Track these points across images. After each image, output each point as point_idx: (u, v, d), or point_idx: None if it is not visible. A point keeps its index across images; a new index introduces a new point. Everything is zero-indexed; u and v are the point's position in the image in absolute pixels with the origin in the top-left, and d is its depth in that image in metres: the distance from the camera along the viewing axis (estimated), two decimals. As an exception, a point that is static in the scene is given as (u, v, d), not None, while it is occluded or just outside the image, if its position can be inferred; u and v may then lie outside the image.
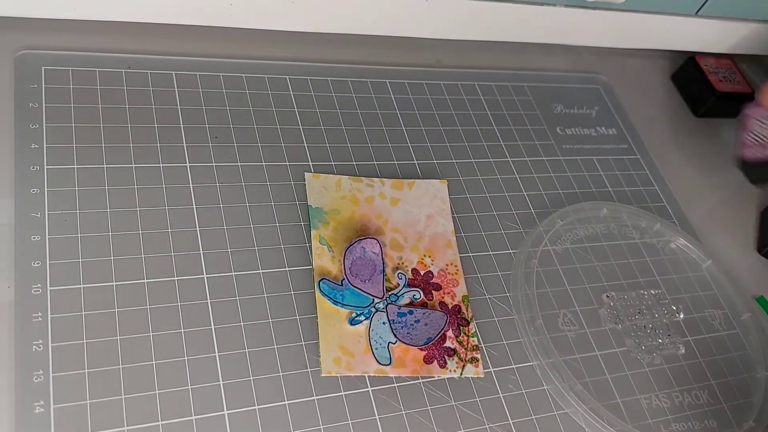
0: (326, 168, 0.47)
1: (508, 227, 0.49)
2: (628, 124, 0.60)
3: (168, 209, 0.42)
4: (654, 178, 0.57)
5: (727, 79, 0.64)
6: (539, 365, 0.43)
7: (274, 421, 0.37)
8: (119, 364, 0.36)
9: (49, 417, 0.34)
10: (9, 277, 0.37)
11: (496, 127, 0.54)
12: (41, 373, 0.35)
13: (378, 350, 0.41)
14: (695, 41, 0.64)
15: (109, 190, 0.41)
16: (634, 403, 0.44)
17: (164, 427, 0.35)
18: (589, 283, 0.48)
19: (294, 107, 0.49)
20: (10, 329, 0.36)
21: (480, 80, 0.57)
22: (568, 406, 0.42)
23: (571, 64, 0.62)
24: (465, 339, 0.43)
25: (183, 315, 0.38)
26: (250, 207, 0.43)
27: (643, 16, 0.59)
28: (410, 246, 0.45)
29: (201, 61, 0.49)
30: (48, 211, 0.39)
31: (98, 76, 0.45)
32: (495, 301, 0.45)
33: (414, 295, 0.43)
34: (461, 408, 0.40)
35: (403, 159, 0.49)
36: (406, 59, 0.56)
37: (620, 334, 0.47)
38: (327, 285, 0.42)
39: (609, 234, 0.51)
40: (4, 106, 0.42)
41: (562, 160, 0.55)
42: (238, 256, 0.41)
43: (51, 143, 0.42)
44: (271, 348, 0.39)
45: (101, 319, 0.37)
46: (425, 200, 0.48)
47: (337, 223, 0.45)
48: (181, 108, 0.46)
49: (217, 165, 0.44)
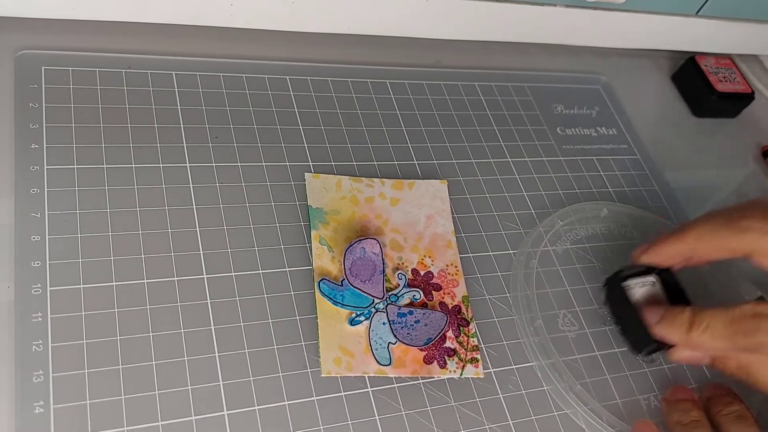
0: (326, 168, 0.47)
1: (508, 227, 0.49)
2: (628, 124, 0.60)
3: (168, 209, 0.42)
4: (654, 178, 0.57)
5: (727, 79, 0.64)
6: (539, 366, 0.43)
7: (274, 421, 0.37)
8: (119, 364, 0.36)
9: (49, 417, 0.34)
10: (9, 277, 0.37)
11: (497, 128, 0.54)
12: (41, 373, 0.35)
13: (378, 350, 0.41)
14: (695, 41, 0.64)
15: (109, 190, 0.41)
16: (634, 404, 0.44)
17: (164, 427, 0.35)
18: (589, 283, 0.48)
19: (294, 107, 0.49)
20: (10, 329, 0.36)
21: (480, 80, 0.57)
22: (568, 406, 0.42)
23: (571, 64, 0.62)
24: (465, 339, 0.43)
25: (183, 315, 0.38)
26: (250, 207, 0.43)
27: (643, 16, 0.59)
28: (410, 246, 0.45)
29: (201, 61, 0.49)
30: (48, 211, 0.39)
31: (98, 76, 0.45)
32: (495, 302, 0.45)
33: (414, 296, 0.43)
34: (461, 408, 0.40)
35: (403, 159, 0.49)
36: (406, 59, 0.56)
37: (620, 334, 0.46)
38: (327, 285, 0.42)
39: (609, 234, 0.51)
40: (4, 106, 0.42)
41: (563, 160, 0.55)
42: (238, 256, 0.41)
43: (51, 143, 0.42)
44: (271, 348, 0.39)
45: (101, 319, 0.37)
46: (425, 200, 0.48)
47: (337, 223, 0.45)
48: (181, 108, 0.46)
49: (217, 165, 0.44)
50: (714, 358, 0.43)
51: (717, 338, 0.40)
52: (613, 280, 0.46)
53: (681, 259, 0.45)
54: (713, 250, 0.43)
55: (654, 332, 0.43)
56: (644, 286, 0.46)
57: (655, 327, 0.43)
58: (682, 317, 0.41)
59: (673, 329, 0.42)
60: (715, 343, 0.40)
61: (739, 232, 0.41)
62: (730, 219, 0.42)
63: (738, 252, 0.42)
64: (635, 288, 0.46)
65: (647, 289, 0.46)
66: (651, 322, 0.43)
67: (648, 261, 0.45)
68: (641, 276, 0.46)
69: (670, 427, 0.42)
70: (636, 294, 0.46)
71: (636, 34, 0.62)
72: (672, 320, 0.42)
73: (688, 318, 0.41)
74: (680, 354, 0.43)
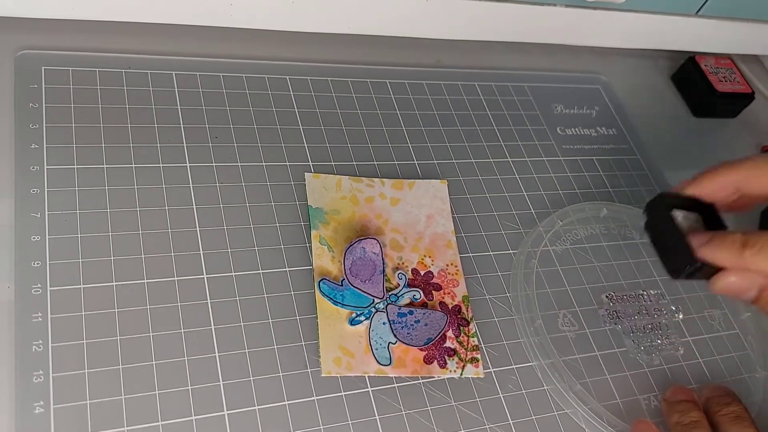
0: (326, 168, 0.47)
1: (508, 227, 0.49)
2: (628, 124, 0.60)
3: (168, 209, 0.42)
4: (654, 179, 0.57)
5: (726, 79, 0.64)
6: (539, 365, 0.43)
7: (274, 421, 0.37)
8: (119, 364, 0.36)
9: (49, 417, 0.34)
10: (9, 277, 0.37)
11: (496, 127, 0.54)
12: (41, 373, 0.35)
13: (378, 350, 0.41)
14: (695, 41, 0.64)
15: (109, 190, 0.41)
16: (634, 404, 0.44)
17: (164, 427, 0.35)
18: (588, 283, 0.48)
19: (294, 107, 0.49)
20: (10, 329, 0.36)
21: (480, 80, 0.57)
22: (568, 406, 0.42)
23: (570, 64, 0.62)
24: (465, 339, 0.43)
25: (183, 315, 0.38)
26: (250, 207, 0.43)
27: (643, 16, 0.59)
28: (410, 246, 0.45)
29: (201, 61, 0.49)
30: (48, 211, 0.39)
31: (98, 76, 0.45)
32: (495, 302, 0.45)
33: (414, 296, 0.43)
34: (461, 408, 0.40)
35: (403, 159, 0.49)
36: (406, 59, 0.56)
37: (620, 334, 0.47)
38: (327, 285, 0.42)
39: (609, 234, 0.51)
40: (4, 106, 0.42)
41: (562, 160, 0.55)
42: (238, 256, 0.41)
43: (51, 143, 0.42)
44: (271, 348, 0.39)
45: (101, 319, 0.37)
46: (425, 200, 0.48)
47: (337, 223, 0.45)
48: (181, 108, 0.46)
49: (217, 165, 0.44)
50: (763, 289, 0.38)
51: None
52: (658, 203, 0.42)
53: (731, 191, 0.41)
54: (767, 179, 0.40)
55: (701, 254, 0.39)
56: (687, 220, 0.42)
57: (702, 248, 0.39)
58: (733, 238, 0.38)
59: (723, 250, 0.38)
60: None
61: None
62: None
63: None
64: (679, 217, 0.42)
65: (690, 223, 0.42)
66: (697, 245, 0.39)
67: (696, 191, 0.42)
68: (687, 209, 0.42)
69: (670, 427, 0.42)
70: (680, 222, 0.41)
71: (636, 34, 0.62)
72: (722, 240, 0.38)
73: (740, 239, 0.38)
74: (726, 279, 0.38)
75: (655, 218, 0.42)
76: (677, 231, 0.40)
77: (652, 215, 0.42)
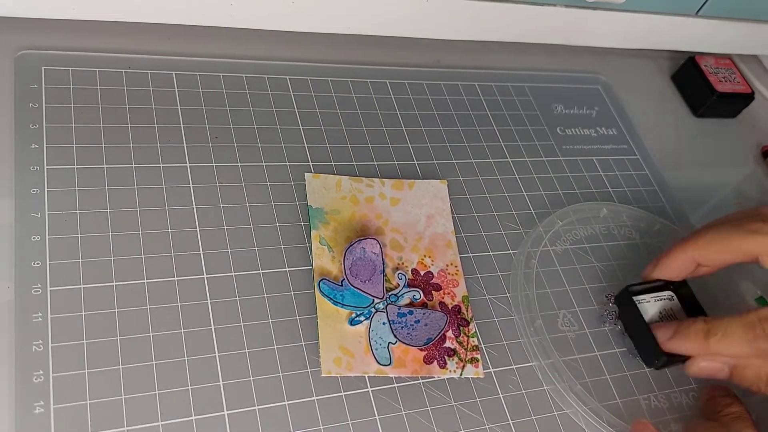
0: (326, 168, 0.47)
1: (508, 227, 0.49)
2: (628, 125, 0.60)
3: (168, 209, 0.42)
4: (654, 178, 0.57)
5: (726, 79, 0.64)
6: (539, 366, 0.43)
7: (274, 421, 0.37)
8: (119, 364, 0.36)
9: (49, 417, 0.34)
10: (9, 277, 0.37)
11: (496, 128, 0.54)
12: (41, 373, 0.35)
13: (378, 350, 0.41)
14: (695, 41, 0.64)
15: (109, 190, 0.41)
16: (634, 404, 0.44)
17: (164, 427, 0.35)
18: (588, 283, 0.48)
19: (294, 107, 0.49)
20: (10, 329, 0.36)
21: (480, 80, 0.57)
22: (568, 406, 0.42)
23: (570, 64, 0.62)
24: (465, 339, 0.43)
25: (183, 315, 0.38)
26: (250, 207, 0.43)
27: (643, 16, 0.59)
28: (410, 246, 0.45)
29: (201, 61, 0.49)
30: (48, 211, 0.39)
31: (98, 76, 0.45)
32: (495, 302, 0.45)
33: (414, 296, 0.43)
34: (461, 408, 0.40)
35: (403, 159, 0.49)
36: (406, 59, 0.56)
37: (620, 334, 0.47)
38: (327, 285, 0.42)
39: (609, 234, 0.51)
40: (4, 106, 0.42)
41: (562, 160, 0.55)
42: (238, 256, 0.41)
43: (51, 143, 0.42)
44: (271, 348, 0.39)
45: (101, 319, 0.37)
46: (425, 200, 0.48)
47: (337, 223, 0.45)
48: (181, 108, 0.46)
49: (217, 165, 0.44)
50: (733, 368, 0.41)
51: (736, 344, 0.40)
52: (623, 295, 0.46)
53: (691, 267, 0.44)
54: (723, 253, 0.43)
55: (667, 348, 0.42)
56: (660, 301, 0.46)
57: (667, 343, 0.42)
58: (695, 327, 0.41)
59: (688, 341, 0.41)
60: (735, 349, 0.40)
61: (748, 234, 0.41)
62: (738, 223, 0.42)
63: (747, 255, 0.42)
64: (650, 303, 0.45)
65: (664, 303, 0.46)
66: (662, 339, 0.42)
67: (659, 275, 0.45)
68: (658, 291, 0.46)
69: (718, 418, 0.41)
70: (651, 309, 0.45)
71: (636, 34, 0.62)
72: (686, 333, 0.41)
73: (702, 328, 0.41)
74: (697, 365, 0.42)
75: (624, 311, 0.46)
76: (644, 325, 0.44)
77: (620, 308, 0.46)
